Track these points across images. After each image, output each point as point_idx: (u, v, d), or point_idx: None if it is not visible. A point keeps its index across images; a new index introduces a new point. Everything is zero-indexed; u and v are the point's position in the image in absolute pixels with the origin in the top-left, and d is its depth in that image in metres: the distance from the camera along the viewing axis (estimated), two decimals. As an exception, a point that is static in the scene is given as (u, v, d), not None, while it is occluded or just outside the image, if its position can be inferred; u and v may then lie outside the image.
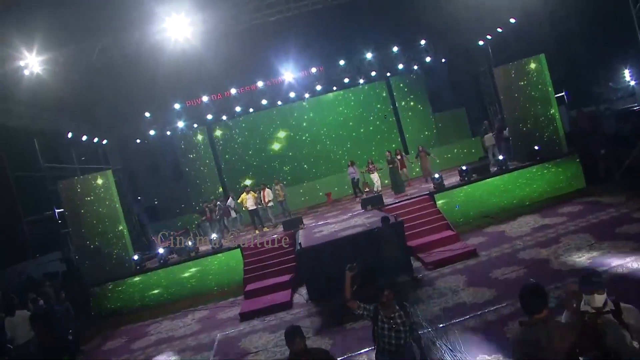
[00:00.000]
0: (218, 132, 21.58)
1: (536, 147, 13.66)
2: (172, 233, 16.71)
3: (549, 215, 11.40)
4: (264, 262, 12.26)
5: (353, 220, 12.24)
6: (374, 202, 13.59)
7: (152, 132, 19.89)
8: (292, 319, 8.91)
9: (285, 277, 11.26)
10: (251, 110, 20.45)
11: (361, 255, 9.51)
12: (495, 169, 14.14)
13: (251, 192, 15.04)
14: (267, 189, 15.41)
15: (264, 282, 11.41)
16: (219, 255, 13.38)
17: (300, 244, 10.25)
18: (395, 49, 19.98)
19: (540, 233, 10.13)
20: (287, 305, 9.79)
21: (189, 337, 9.51)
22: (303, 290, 10.36)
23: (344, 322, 8.02)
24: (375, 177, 16.34)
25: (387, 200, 14.21)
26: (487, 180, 13.62)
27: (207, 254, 13.52)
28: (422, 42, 20.13)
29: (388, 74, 20.91)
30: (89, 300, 13.30)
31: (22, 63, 10.04)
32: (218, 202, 16.36)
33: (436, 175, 13.63)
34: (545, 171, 13.44)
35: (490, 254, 9.68)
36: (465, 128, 21.80)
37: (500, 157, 13.95)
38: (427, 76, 21.85)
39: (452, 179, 14.88)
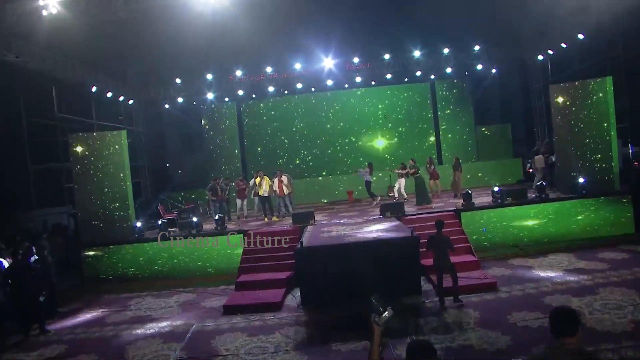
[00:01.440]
0: (247, 110, 20.82)
1: (582, 180, 12.22)
2: (179, 205, 16.09)
3: (586, 258, 10.04)
4: (264, 253, 11.38)
5: (366, 225, 11.20)
6: (394, 209, 12.49)
7: (180, 100, 19.32)
8: (275, 324, 7.99)
9: (282, 275, 10.35)
10: (286, 92, 19.57)
11: (366, 267, 8.55)
12: (534, 195, 12.79)
13: (265, 176, 14.15)
14: (283, 176, 14.51)
15: (258, 276, 10.55)
16: (221, 237, 12.62)
17: (301, 241, 9.28)
18: (445, 50, 18.67)
19: (574, 277, 8.82)
20: (276, 307, 8.88)
21: (165, 321, 8.75)
22: (297, 293, 9.42)
23: (331, 340, 7.05)
24: (402, 182, 15.13)
25: (408, 209, 13.08)
26: (522, 206, 12.30)
27: (208, 234, 12.80)
28: (476, 47, 18.72)
29: (433, 77, 19.59)
30: (82, 260, 12.82)
31: (40, 2, 9.42)
32: (239, 181, 15.43)
33: (469, 191, 12.38)
34: (589, 208, 11.99)
35: (512, 292, 8.47)
36: (508, 146, 20.29)
37: (543, 184, 12.57)
38: (475, 85, 20.41)
39: (484, 199, 13.62)
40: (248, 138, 20.74)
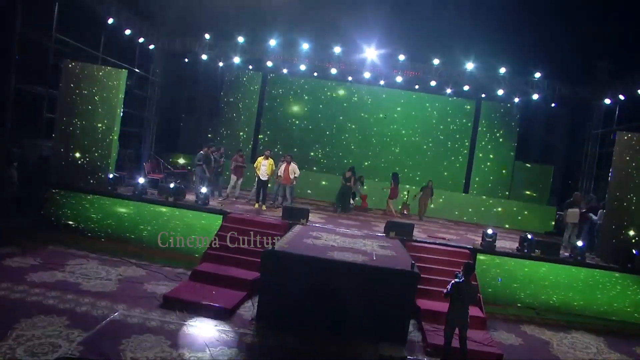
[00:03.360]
0: (272, 85, 19.06)
1: (635, 251, 10.12)
2: (169, 167, 14.49)
3: (620, 350, 8.01)
4: (239, 243, 9.67)
5: (363, 241, 9.38)
6: (401, 230, 10.60)
7: (204, 57, 17.72)
8: (212, 338, 6.26)
9: (250, 275, 8.62)
10: (315, 74, 17.80)
11: (347, 294, 6.79)
12: (567, 254, 10.76)
13: (270, 158, 12.40)
14: (292, 164, 12.77)
15: (223, 268, 8.82)
16: (199, 213, 11.04)
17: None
18: (502, 70, 16.58)
19: (605, 375, 6.86)
20: (225, 314, 7.14)
21: (88, 297, 7.12)
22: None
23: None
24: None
25: (418, 235, 11.17)
26: (552, 264, 10.29)
27: (186, 206, 11.21)
28: (537, 75, 16.59)
29: (483, 95, 17.51)
30: (44, 201, 11.44)
31: None
32: (238, 156, 13.67)
33: (489, 231, 10.42)
34: (633, 286, 9.92)
35: (520, 373, 6.56)
36: (545, 191, 18.08)
37: (580, 244, 10.49)
38: (526, 115, 18.22)
39: (507, 244, 11.67)
40: (266, 114, 19.02)
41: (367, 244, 9.01)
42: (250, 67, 18.02)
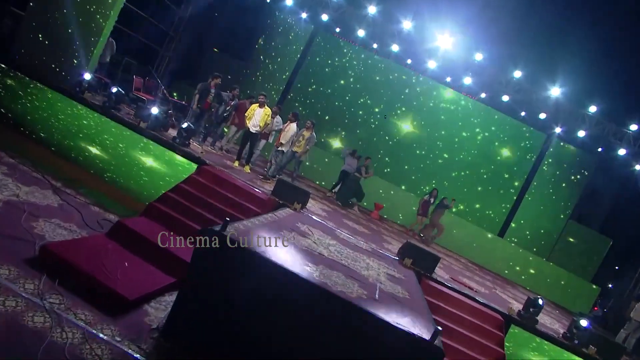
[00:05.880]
0: (321, 42, 16.09)
1: None
2: (165, 92, 11.79)
3: None
4: (200, 206, 6.98)
5: (367, 260, 6.55)
6: (420, 258, 7.71)
7: (254, -7, 15.00)
8: (59, 348, 3.58)
9: (189, 255, 5.90)
10: (375, 45, 14.90)
11: (314, 343, 4.04)
12: (631, 364, 7.81)
13: (266, 107, 9.55)
14: (293, 125, 10.06)
15: (160, 234, 6.12)
16: (170, 153, 8.40)
17: (227, 221, 4.59)
18: (592, 108, 13.47)
19: None
20: (118, 308, 4.42)
21: None
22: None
23: None
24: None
25: (441, 273, 8.23)
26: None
27: (155, 138, 8.57)
28: (633, 127, 13.40)
29: (558, 131, 14.36)
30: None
31: None
32: (247, 101, 10.82)
33: (540, 301, 7.47)
34: None
35: None
36: (593, 265, 14.89)
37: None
38: (601, 170, 15.01)
39: (545, 319, 8.72)
40: (304, 73, 16.07)
41: (371, 267, 6.19)
42: (303, 15, 15.07)
